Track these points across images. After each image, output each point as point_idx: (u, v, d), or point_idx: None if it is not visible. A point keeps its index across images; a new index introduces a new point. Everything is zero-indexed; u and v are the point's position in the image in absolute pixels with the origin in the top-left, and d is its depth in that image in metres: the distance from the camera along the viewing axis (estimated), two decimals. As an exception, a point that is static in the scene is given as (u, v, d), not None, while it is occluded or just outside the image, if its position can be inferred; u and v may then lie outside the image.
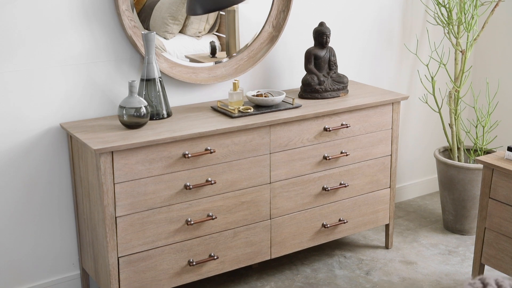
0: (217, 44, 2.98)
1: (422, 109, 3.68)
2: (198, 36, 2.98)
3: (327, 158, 2.83)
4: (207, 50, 2.95)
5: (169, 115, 2.67)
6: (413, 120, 3.69)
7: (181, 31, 2.89)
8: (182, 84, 2.87)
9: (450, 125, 3.41)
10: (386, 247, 3.22)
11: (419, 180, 3.85)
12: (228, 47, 3.00)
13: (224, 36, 2.99)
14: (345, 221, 2.97)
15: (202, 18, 2.91)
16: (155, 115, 2.63)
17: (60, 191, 2.69)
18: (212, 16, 2.94)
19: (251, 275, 2.97)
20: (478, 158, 2.64)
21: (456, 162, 3.28)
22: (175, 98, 2.86)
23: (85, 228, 2.64)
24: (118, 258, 2.44)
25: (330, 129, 2.80)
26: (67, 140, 2.65)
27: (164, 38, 2.82)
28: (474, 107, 3.44)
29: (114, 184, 2.36)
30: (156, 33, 2.70)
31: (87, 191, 2.52)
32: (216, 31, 3.00)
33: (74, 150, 2.59)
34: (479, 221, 2.69)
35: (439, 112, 3.41)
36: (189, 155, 2.47)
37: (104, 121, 2.62)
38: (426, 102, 3.48)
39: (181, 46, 2.88)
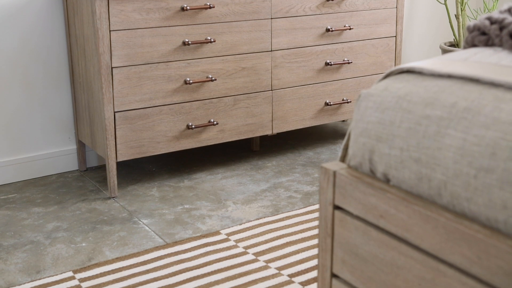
0: None
1: (427, 3, 3.58)
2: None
3: (330, 30, 2.75)
4: None
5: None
6: (418, 16, 3.59)
7: None
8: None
9: (457, 16, 3.32)
10: (391, 136, 3.14)
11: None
12: None
13: None
14: (348, 100, 2.89)
15: None
16: (152, -21, 2.55)
17: (56, 58, 2.61)
18: None
19: (252, 156, 2.90)
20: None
21: (462, 49, 3.19)
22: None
23: (80, 93, 2.57)
24: (114, 112, 2.36)
25: (333, -2, 2.73)
26: (61, 1, 2.57)
27: None
28: (481, -6, 3.36)
29: (110, 31, 2.28)
30: None
31: (83, 49, 2.45)
32: None
33: (69, 7, 2.51)
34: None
35: (445, 4, 3.32)
36: (188, 8, 2.39)
37: (100, -18, 2.54)
38: (432, -5, 3.39)
39: None
